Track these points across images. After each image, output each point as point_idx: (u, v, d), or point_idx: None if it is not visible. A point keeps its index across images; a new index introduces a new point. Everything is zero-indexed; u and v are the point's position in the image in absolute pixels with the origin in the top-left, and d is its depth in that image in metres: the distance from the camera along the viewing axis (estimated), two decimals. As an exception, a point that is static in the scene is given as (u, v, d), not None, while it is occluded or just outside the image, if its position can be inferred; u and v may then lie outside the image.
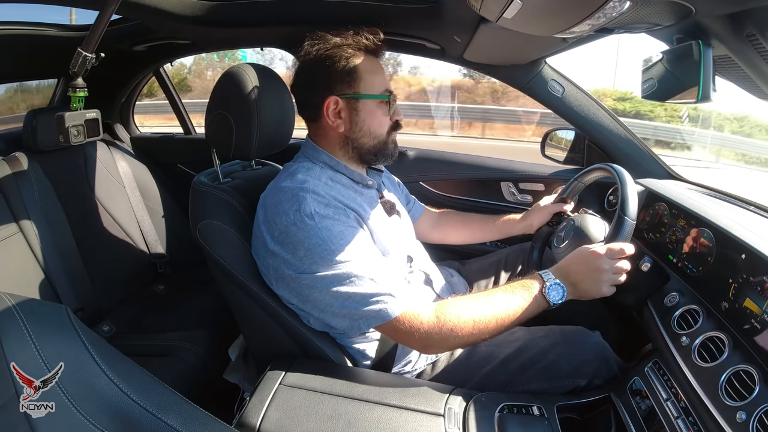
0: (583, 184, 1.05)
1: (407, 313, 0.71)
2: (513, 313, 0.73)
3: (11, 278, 1.12)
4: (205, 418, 0.53)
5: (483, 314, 0.72)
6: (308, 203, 0.72)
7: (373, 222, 0.81)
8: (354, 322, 0.72)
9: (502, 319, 0.73)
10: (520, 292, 0.75)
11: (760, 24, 0.57)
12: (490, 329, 0.72)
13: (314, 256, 0.70)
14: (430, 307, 0.73)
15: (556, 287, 0.74)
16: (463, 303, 0.74)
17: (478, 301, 0.74)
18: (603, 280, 0.75)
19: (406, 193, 1.17)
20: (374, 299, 0.70)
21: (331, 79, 0.81)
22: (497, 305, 0.73)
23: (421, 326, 0.70)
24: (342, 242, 0.71)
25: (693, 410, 0.65)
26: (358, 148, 0.85)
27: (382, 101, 0.84)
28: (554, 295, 0.74)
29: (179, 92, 1.90)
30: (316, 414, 0.67)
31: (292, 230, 0.71)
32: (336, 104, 0.81)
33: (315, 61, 0.82)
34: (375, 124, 0.84)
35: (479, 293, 0.77)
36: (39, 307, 0.53)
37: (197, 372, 1.14)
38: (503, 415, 0.70)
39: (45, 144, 1.27)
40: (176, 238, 1.61)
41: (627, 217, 0.78)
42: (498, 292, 0.76)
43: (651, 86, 0.78)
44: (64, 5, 1.07)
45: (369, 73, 0.82)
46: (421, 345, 0.73)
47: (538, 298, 0.74)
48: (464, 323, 0.71)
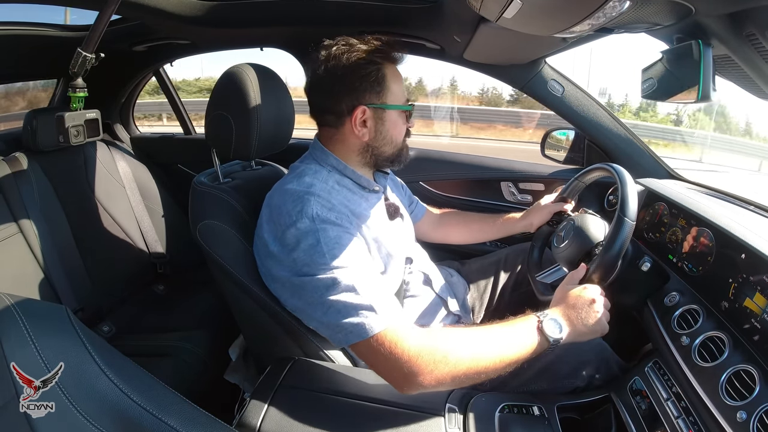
0: (583, 183, 1.05)
1: (390, 334, 0.64)
2: (512, 347, 0.68)
3: (11, 278, 1.12)
4: (205, 419, 0.53)
5: (481, 345, 0.67)
6: (312, 206, 0.72)
7: (375, 227, 0.81)
8: (334, 333, 0.69)
9: (501, 353, 0.67)
10: (516, 326, 0.70)
11: (760, 24, 0.57)
12: (487, 364, 0.66)
13: (306, 258, 0.69)
14: (417, 330, 0.67)
15: (552, 322, 0.70)
16: (458, 331, 0.69)
17: (475, 332, 0.70)
18: (601, 314, 0.73)
19: (409, 194, 1.17)
20: (356, 312, 0.66)
21: (361, 89, 0.79)
22: (496, 338, 0.68)
23: (405, 351, 0.63)
24: (336, 247, 0.69)
25: (693, 410, 0.65)
26: (377, 155, 0.84)
27: (404, 111, 0.84)
28: (549, 328, 0.69)
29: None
30: (316, 414, 0.67)
31: (292, 231, 0.71)
32: (363, 113, 0.80)
33: (344, 69, 0.78)
34: (396, 133, 0.84)
35: (474, 327, 0.72)
36: (39, 308, 0.53)
37: (197, 372, 1.15)
38: (503, 415, 0.70)
39: (45, 144, 1.27)
40: (176, 238, 1.61)
41: (626, 218, 0.78)
42: (495, 326, 0.71)
43: (651, 86, 0.78)
44: (64, 5, 1.07)
45: (394, 82, 0.82)
46: (403, 374, 0.63)
47: (534, 333, 0.69)
48: (460, 353, 0.65)
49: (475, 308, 1.13)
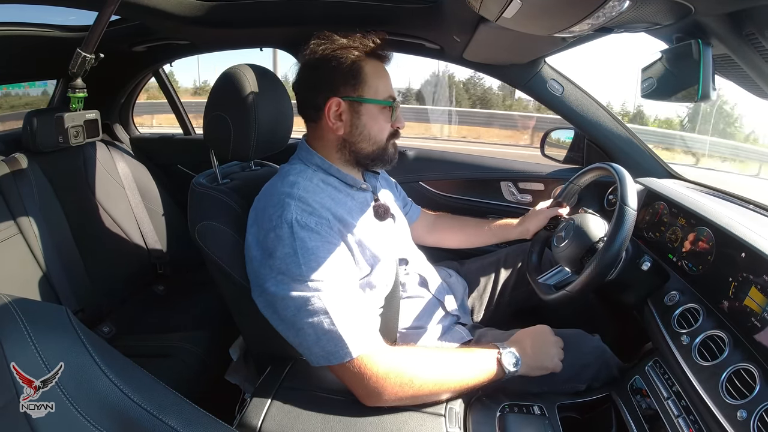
0: (578, 186, 1.06)
1: (359, 359, 0.66)
2: (473, 375, 0.72)
3: (11, 279, 1.12)
4: (206, 419, 0.53)
5: (444, 368, 0.70)
6: (291, 210, 0.71)
7: (361, 228, 0.79)
8: (305, 352, 0.69)
9: (460, 378, 0.71)
10: (478, 353, 0.74)
11: (759, 23, 0.57)
12: (450, 388, 0.70)
13: (282, 266, 0.68)
14: (387, 353, 0.69)
15: (510, 354, 0.74)
16: (423, 354, 0.73)
17: (439, 354, 0.73)
18: (553, 353, 0.78)
19: (403, 195, 1.16)
20: (327, 338, 0.66)
21: (335, 80, 0.79)
22: (460, 365, 0.72)
23: (374, 373, 0.66)
24: (312, 259, 0.68)
25: (694, 409, 0.65)
26: (356, 152, 0.83)
27: (385, 107, 0.82)
28: (507, 360, 0.74)
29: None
30: (316, 415, 0.67)
31: (270, 236, 0.70)
32: (338, 106, 0.80)
33: (320, 61, 0.80)
34: (376, 130, 0.82)
35: (438, 349, 0.77)
36: (39, 308, 0.53)
37: (197, 372, 1.14)
38: (504, 414, 0.70)
39: (44, 145, 1.27)
40: (176, 238, 1.61)
41: (628, 206, 0.78)
42: (457, 351, 0.77)
43: (650, 85, 0.78)
44: (64, 5, 1.06)
45: (374, 77, 0.81)
46: (368, 392, 0.67)
47: (493, 362, 0.73)
48: (425, 377, 0.68)
49: (475, 308, 1.13)
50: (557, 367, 0.78)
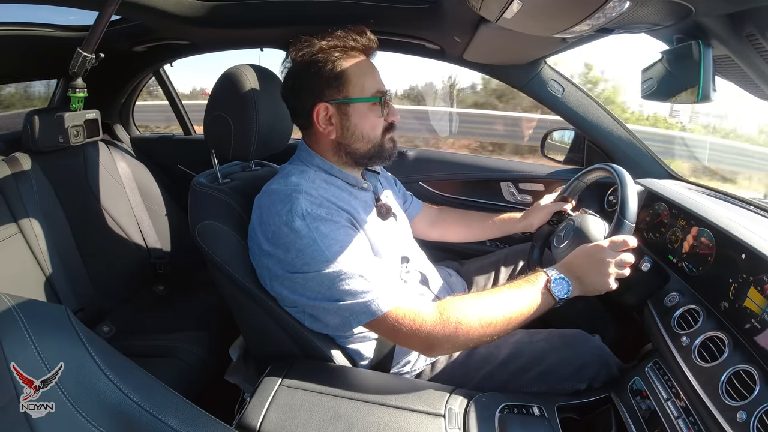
0: (584, 183, 1.05)
1: (405, 311, 0.69)
2: (519, 308, 0.71)
3: (11, 279, 1.12)
4: (205, 419, 0.53)
5: (489, 311, 0.71)
6: (300, 203, 0.72)
7: (366, 225, 0.80)
8: (344, 318, 0.71)
9: (509, 315, 0.71)
10: (525, 288, 0.73)
11: (760, 24, 0.57)
12: (497, 326, 0.70)
13: (305, 257, 0.70)
14: (431, 306, 0.71)
15: (561, 281, 0.73)
16: (467, 300, 0.73)
17: (482, 298, 0.73)
18: (608, 272, 0.74)
19: (403, 191, 1.16)
20: (363, 294, 0.69)
21: (318, 86, 0.79)
22: (503, 301, 0.72)
23: (423, 325, 0.69)
24: (332, 242, 0.70)
25: (693, 410, 0.65)
26: (352, 153, 0.83)
27: (375, 103, 0.81)
28: (559, 289, 0.73)
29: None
30: (316, 415, 0.67)
31: (284, 230, 0.71)
32: (326, 111, 0.79)
33: (301, 67, 0.80)
34: (368, 128, 0.81)
35: (483, 291, 0.76)
36: (39, 308, 0.53)
37: (197, 372, 1.14)
38: (504, 415, 0.70)
39: (45, 144, 1.27)
40: (176, 238, 1.61)
41: (626, 220, 0.79)
42: (503, 289, 0.74)
43: (650, 86, 0.78)
44: (64, 5, 1.06)
45: (358, 75, 0.79)
46: (425, 345, 0.71)
47: (544, 293, 0.73)
48: (470, 320, 0.69)
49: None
50: (611, 287, 0.76)
